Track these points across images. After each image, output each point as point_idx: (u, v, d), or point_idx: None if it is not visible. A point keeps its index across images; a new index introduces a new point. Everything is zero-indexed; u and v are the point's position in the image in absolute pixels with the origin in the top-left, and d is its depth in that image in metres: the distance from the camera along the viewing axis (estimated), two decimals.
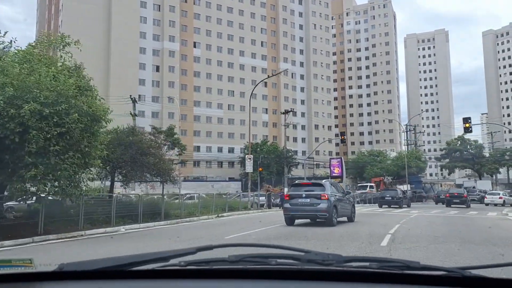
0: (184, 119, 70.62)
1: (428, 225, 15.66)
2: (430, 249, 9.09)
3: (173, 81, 70.07)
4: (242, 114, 74.16)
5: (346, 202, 17.15)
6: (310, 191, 15.56)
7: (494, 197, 36.21)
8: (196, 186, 61.61)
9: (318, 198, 15.01)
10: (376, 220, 18.42)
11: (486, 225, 15.99)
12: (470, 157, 72.80)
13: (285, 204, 15.95)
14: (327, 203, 14.87)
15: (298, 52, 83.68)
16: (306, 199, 15.24)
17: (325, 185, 16.17)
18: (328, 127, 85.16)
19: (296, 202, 15.34)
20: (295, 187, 16.67)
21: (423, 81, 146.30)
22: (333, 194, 15.73)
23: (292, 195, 15.70)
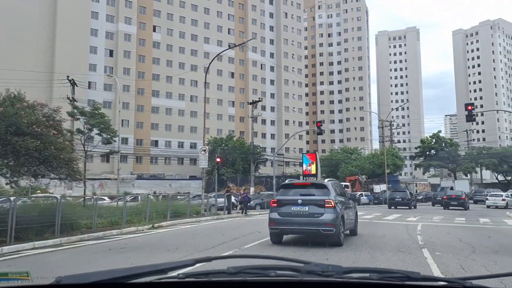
0: (141, 110, 63.48)
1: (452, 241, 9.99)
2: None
3: (129, 67, 62.73)
4: (206, 106, 67.55)
5: (351, 210, 12.27)
6: (308, 195, 10.54)
7: (497, 199, 34.25)
8: (151, 185, 54.81)
9: (320, 206, 10.14)
10: (380, 231, 12.70)
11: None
12: (446, 156, 69.36)
13: (272, 213, 10.70)
14: (334, 213, 10.02)
15: (268, 42, 77.91)
16: (303, 206, 10.27)
17: (328, 187, 10.78)
18: (299, 123, 79.83)
19: (288, 211, 10.33)
20: (286, 189, 11.15)
21: (394, 79, 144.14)
22: (338, 199, 10.68)
23: (282, 201, 10.60)
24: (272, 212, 10.50)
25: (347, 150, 65.90)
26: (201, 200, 25.68)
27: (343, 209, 10.53)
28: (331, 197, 10.15)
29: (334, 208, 9.93)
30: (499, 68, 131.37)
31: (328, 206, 9.90)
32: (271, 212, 10.53)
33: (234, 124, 71.10)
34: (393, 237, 11.86)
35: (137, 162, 61.86)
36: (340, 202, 10.54)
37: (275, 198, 10.89)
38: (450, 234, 12.77)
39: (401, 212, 25.21)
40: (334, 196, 10.37)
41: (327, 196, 10.08)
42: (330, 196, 10.14)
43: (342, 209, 10.48)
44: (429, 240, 11.03)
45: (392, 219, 19.68)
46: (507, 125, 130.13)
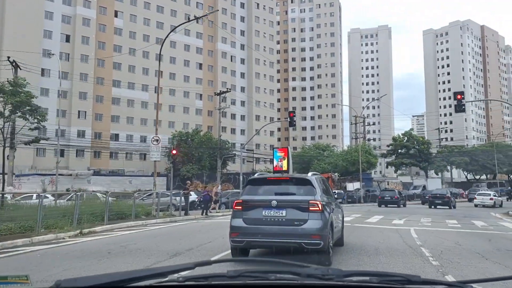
0: (100, 101, 58.83)
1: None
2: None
3: (87, 54, 57.87)
4: (171, 98, 63.67)
5: (339, 212, 9.25)
6: (286, 193, 7.51)
7: (485, 198, 33.54)
8: (109, 181, 50.19)
9: (303, 209, 7.10)
10: (370, 240, 9.68)
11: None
12: (418, 154, 68.14)
13: (235, 219, 7.55)
14: (321, 220, 7.06)
15: (239, 33, 74.43)
16: (278, 210, 7.19)
17: (313, 182, 7.63)
18: (271, 118, 76.68)
19: (258, 216, 7.27)
20: (255, 186, 7.91)
21: (365, 77, 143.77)
22: (326, 200, 7.63)
23: (250, 203, 7.47)
24: (235, 218, 7.36)
25: (320, 146, 63.43)
26: (163, 199, 22.33)
27: (331, 213, 7.63)
28: (317, 197, 7.15)
29: (322, 212, 7.00)
30: (468, 69, 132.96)
31: (313, 209, 6.96)
32: (234, 218, 7.39)
33: (201, 118, 67.34)
34: (390, 250, 8.86)
35: (95, 157, 57.22)
36: (327, 203, 7.61)
37: (240, 198, 7.69)
38: (459, 244, 9.86)
39: (383, 213, 22.52)
40: (321, 195, 7.38)
41: (313, 196, 7.13)
42: (316, 196, 7.14)
43: (331, 213, 7.57)
44: (441, 256, 8.04)
45: (376, 221, 16.84)
46: (474, 124, 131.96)
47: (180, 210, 19.82)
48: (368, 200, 42.36)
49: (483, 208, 30.38)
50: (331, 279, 1.42)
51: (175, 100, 64.28)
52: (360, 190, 43.60)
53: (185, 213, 20.23)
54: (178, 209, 20.10)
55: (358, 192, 43.24)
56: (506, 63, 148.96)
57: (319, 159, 56.34)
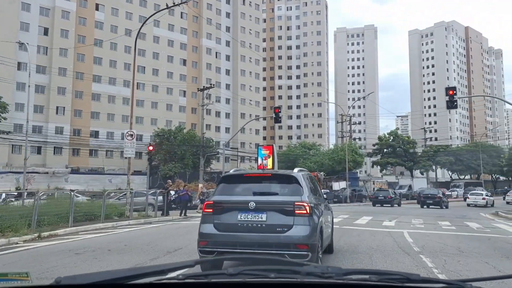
0: (79, 96, 56.87)
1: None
2: None
3: (67, 48, 55.82)
4: (154, 95, 62.00)
5: (328, 215, 7.94)
6: (267, 193, 6.21)
7: (477, 197, 33.80)
8: (88, 179, 48.52)
9: (288, 213, 5.84)
10: (362, 245, 8.60)
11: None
12: (403, 154, 67.84)
13: (205, 225, 6.20)
14: (309, 225, 5.83)
15: (224, 29, 73.03)
16: (258, 214, 5.91)
17: (300, 180, 6.33)
18: (256, 116, 75.59)
19: (232, 221, 5.98)
20: (230, 185, 6.56)
21: (351, 77, 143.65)
22: (314, 201, 6.35)
23: (223, 204, 6.15)
24: (204, 223, 6.06)
25: (306, 145, 62.50)
26: (139, 198, 21.11)
27: (321, 217, 6.44)
28: (304, 197, 5.90)
29: (310, 216, 5.77)
30: (452, 70, 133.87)
31: (300, 213, 5.73)
32: (203, 223, 6.09)
33: (185, 115, 65.78)
34: (386, 258, 7.77)
35: (73, 155, 55.23)
36: (316, 205, 6.36)
37: (211, 198, 6.39)
38: (462, 251, 8.83)
39: (372, 214, 21.55)
40: (309, 196, 6.13)
41: (299, 197, 5.90)
42: (303, 197, 5.90)
43: (320, 217, 6.38)
44: (445, 267, 6.96)
45: (366, 223, 15.81)
46: (457, 125, 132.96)
47: (155, 211, 18.48)
48: (355, 200, 41.54)
49: (474, 207, 30.24)
50: (331, 277, 1.42)
51: (158, 97, 62.63)
52: (346, 189, 42.73)
53: (164, 214, 18.90)
54: (156, 210, 18.74)
55: (344, 192, 42.37)
56: (489, 65, 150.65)
57: (305, 158, 55.40)
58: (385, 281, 1.41)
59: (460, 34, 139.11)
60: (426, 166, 67.14)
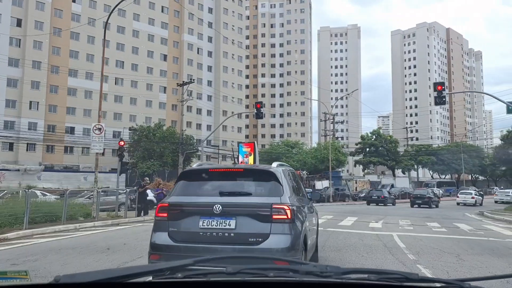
0: (54, 91, 54.69)
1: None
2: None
3: (41, 41, 53.56)
4: (133, 90, 60.17)
5: (313, 219, 6.63)
6: (237, 194, 4.87)
7: (467, 196, 34.67)
8: (62, 177, 46.51)
9: (262, 218, 4.51)
10: (350, 254, 7.53)
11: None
12: (386, 153, 67.64)
13: (157, 233, 4.76)
14: (290, 234, 4.52)
15: (206, 25, 71.49)
16: (225, 219, 4.58)
17: (279, 177, 4.95)
18: (238, 114, 74.35)
19: (193, 228, 4.62)
20: (191, 182, 5.13)
21: (334, 76, 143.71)
22: (297, 203, 5.01)
23: (180, 207, 4.77)
24: (157, 231, 4.76)
25: (288, 143, 61.57)
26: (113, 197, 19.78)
27: (305, 222, 5.17)
28: (285, 198, 4.66)
29: (292, 222, 4.55)
30: (433, 70, 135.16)
31: (279, 218, 4.51)
32: (156, 231, 4.78)
33: (165, 112, 64.09)
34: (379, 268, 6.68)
35: (47, 151, 53.05)
36: (299, 208, 5.08)
37: (165, 200, 4.98)
38: (463, 259, 7.84)
39: (357, 214, 20.63)
40: (291, 196, 4.87)
41: (278, 197, 4.67)
42: (283, 197, 4.66)
43: (304, 222, 5.12)
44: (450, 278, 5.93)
45: (351, 225, 14.83)
46: (438, 125, 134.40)
47: (125, 211, 17.11)
48: (337, 199, 40.80)
49: (463, 206, 30.44)
50: (330, 276, 1.42)
51: (137, 92, 60.82)
52: (329, 188, 41.96)
53: (142, 213, 17.50)
54: (134, 210, 17.39)
55: (327, 191, 41.57)
56: (469, 66, 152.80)
57: (287, 156, 54.46)
58: (384, 280, 1.39)
59: (442, 36, 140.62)
60: (408, 166, 67.09)
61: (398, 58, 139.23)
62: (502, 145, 54.23)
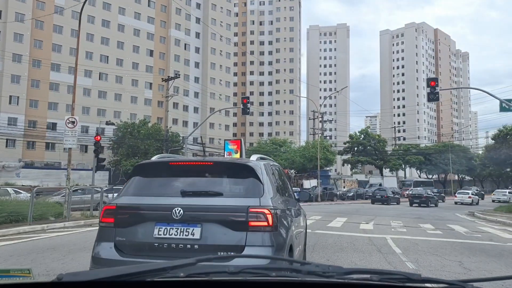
0: (36, 86, 53.01)
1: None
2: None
3: (22, 34, 51.82)
4: (118, 86, 58.71)
5: (301, 221, 5.51)
6: (202, 194, 3.78)
7: (464, 196, 36.51)
8: (43, 175, 45.12)
9: (236, 226, 3.51)
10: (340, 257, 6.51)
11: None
12: (374, 152, 67.32)
13: (101, 244, 3.75)
14: (272, 246, 3.49)
15: (194, 20, 70.24)
16: (186, 227, 3.57)
17: (259, 173, 3.89)
18: (226, 112, 73.34)
19: (145, 238, 3.61)
20: (146, 179, 4.05)
21: (323, 75, 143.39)
22: (282, 205, 3.98)
23: (130, 210, 3.78)
24: (101, 240, 3.80)
25: (276, 142, 60.73)
26: (86, 195, 18.70)
27: (291, 228, 4.18)
28: (265, 200, 3.69)
29: (274, 230, 3.62)
30: (421, 71, 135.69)
31: (258, 225, 3.56)
32: (100, 240, 3.82)
33: (150, 109, 62.71)
34: None
35: (28, 148, 51.37)
36: (284, 211, 4.12)
37: (112, 201, 4.02)
38: (468, 268, 7.04)
39: (346, 214, 19.84)
40: (273, 197, 3.90)
41: (256, 199, 3.70)
42: (264, 199, 3.69)
43: (290, 228, 4.14)
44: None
45: (341, 226, 14.00)
46: (425, 125, 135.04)
47: (99, 210, 16.07)
48: (326, 199, 40.15)
49: (454, 206, 31.01)
50: (332, 276, 1.42)
51: (122, 88, 59.36)
52: (318, 187, 41.25)
53: None
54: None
55: (315, 190, 40.86)
56: (456, 67, 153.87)
57: (275, 154, 53.62)
58: (386, 280, 1.38)
59: (430, 36, 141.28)
60: (396, 165, 66.85)
61: (387, 58, 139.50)
62: (494, 145, 54.26)
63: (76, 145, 16.58)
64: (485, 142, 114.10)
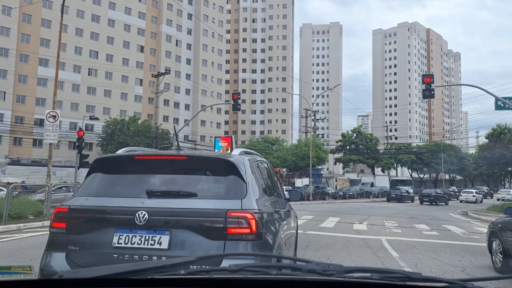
0: (23, 81, 51.88)
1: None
2: None
3: (9, 27, 50.67)
4: (107, 82, 57.75)
5: (291, 223, 4.84)
6: (173, 194, 3.14)
7: (469, 195, 39.42)
8: (29, 172, 44.04)
9: (212, 234, 2.92)
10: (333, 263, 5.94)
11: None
12: (366, 151, 67.11)
13: (50, 254, 3.13)
14: (255, 257, 2.79)
15: (186, 16, 69.37)
16: (152, 234, 2.97)
17: (242, 170, 3.25)
18: (218, 109, 72.67)
19: (104, 246, 3.00)
20: (108, 175, 3.41)
21: (316, 74, 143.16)
22: (269, 209, 3.38)
23: (85, 213, 3.16)
24: (51, 249, 3.19)
25: (268, 140, 60.18)
26: (71, 193, 17.83)
27: (278, 234, 3.56)
28: (249, 202, 3.09)
29: (259, 240, 3.02)
30: (413, 70, 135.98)
31: (238, 231, 2.96)
32: (49, 249, 3.20)
33: (141, 106, 61.80)
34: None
35: (14, 144, 50.29)
36: (272, 214, 3.55)
37: (65, 203, 3.32)
38: (464, 271, 6.54)
39: (338, 214, 19.35)
40: (259, 198, 3.29)
41: (237, 201, 3.10)
42: (246, 201, 3.09)
43: (278, 235, 3.52)
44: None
45: (334, 226, 13.49)
46: (417, 124, 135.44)
47: None
48: (318, 197, 39.70)
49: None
50: (332, 275, 1.42)
51: (112, 84, 58.40)
52: (309, 186, 40.78)
53: None
54: None
55: (307, 189, 40.39)
56: (448, 67, 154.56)
57: (267, 152, 53.05)
58: (387, 279, 1.38)
59: (422, 36, 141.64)
60: (388, 164, 66.69)
61: (379, 57, 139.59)
62: (487, 144, 54.23)
63: (57, 140, 15.83)
64: (476, 142, 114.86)
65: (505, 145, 46.76)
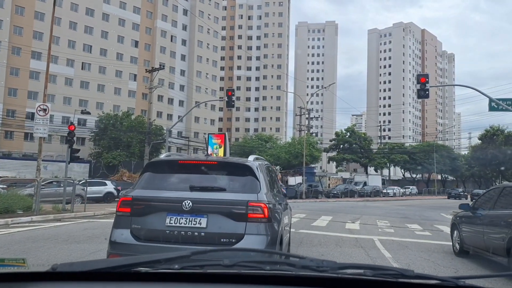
0: (15, 74, 51.28)
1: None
2: None
3: (1, 19, 49.99)
4: (101, 77, 57.24)
5: (288, 217, 6.36)
6: (209, 189, 4.46)
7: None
8: (20, 166, 43.52)
9: (237, 217, 4.18)
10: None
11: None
12: (359, 150, 67.27)
13: (118, 230, 4.37)
14: (267, 235, 4.20)
15: (181, 12, 68.95)
16: (194, 217, 4.21)
17: (256, 172, 4.60)
18: (212, 106, 72.41)
19: (158, 225, 4.23)
20: (158, 175, 4.75)
21: (311, 72, 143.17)
22: (274, 201, 4.70)
23: (145, 202, 4.37)
24: (118, 227, 4.38)
25: (262, 137, 60.05)
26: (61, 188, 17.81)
27: (281, 221, 4.93)
28: (262, 196, 4.37)
29: (269, 222, 4.28)
30: (408, 70, 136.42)
31: (255, 216, 4.22)
32: (117, 227, 4.40)
33: (134, 101, 61.36)
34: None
35: (6, 138, 49.73)
36: (276, 205, 4.75)
37: (129, 194, 4.52)
38: (457, 272, 6.49)
39: (331, 213, 19.29)
40: (268, 193, 4.58)
41: (254, 195, 4.35)
42: (260, 195, 4.37)
43: (281, 221, 4.89)
44: None
45: (326, 225, 13.43)
46: (410, 125, 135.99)
47: (72, 204, 15.17)
48: (310, 196, 39.74)
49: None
50: (326, 271, 1.43)
51: (106, 79, 57.92)
52: (303, 184, 40.79)
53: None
54: (73, 203, 15.43)
55: (300, 187, 40.41)
56: (442, 68, 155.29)
57: (260, 150, 52.96)
58: (380, 276, 1.40)
59: (417, 36, 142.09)
60: (381, 164, 66.90)
61: (374, 57, 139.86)
62: (481, 145, 54.60)
63: (47, 134, 15.60)
64: (468, 143, 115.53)
65: (498, 146, 47.08)
